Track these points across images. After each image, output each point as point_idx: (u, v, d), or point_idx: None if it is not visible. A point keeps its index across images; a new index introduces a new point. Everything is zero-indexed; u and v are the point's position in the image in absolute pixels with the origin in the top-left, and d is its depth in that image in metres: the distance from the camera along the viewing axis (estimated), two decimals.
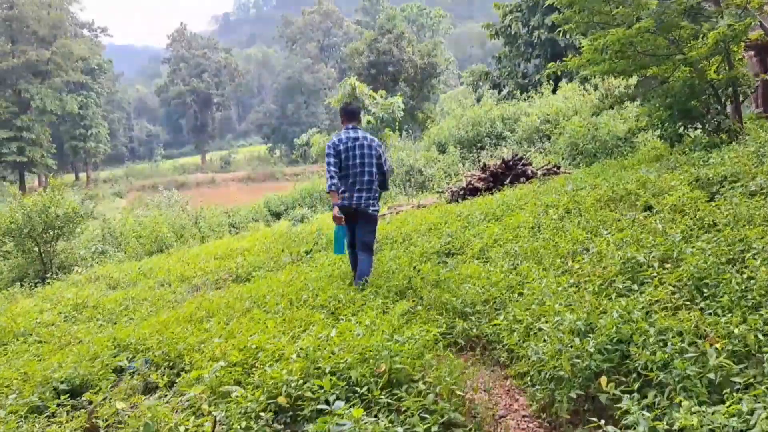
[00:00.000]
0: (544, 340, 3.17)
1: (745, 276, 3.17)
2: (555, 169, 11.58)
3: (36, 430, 3.36)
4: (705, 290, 3.28)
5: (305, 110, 79.20)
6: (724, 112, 8.40)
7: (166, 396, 3.50)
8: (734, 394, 2.35)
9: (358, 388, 2.89)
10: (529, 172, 11.16)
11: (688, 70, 8.65)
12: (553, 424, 2.96)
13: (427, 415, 2.65)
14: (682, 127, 8.69)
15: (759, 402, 2.21)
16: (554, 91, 25.68)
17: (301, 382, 2.91)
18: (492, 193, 10.54)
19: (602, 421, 2.41)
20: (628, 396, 2.50)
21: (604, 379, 2.69)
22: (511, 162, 11.43)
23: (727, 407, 2.21)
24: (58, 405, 3.64)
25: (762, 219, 4.06)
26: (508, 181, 11.05)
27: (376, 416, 2.70)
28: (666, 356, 2.62)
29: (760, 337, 2.63)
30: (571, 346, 2.93)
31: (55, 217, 11.18)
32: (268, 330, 3.86)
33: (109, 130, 75.34)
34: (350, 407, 2.63)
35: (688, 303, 3.21)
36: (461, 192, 11.29)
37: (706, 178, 5.59)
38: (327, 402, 2.72)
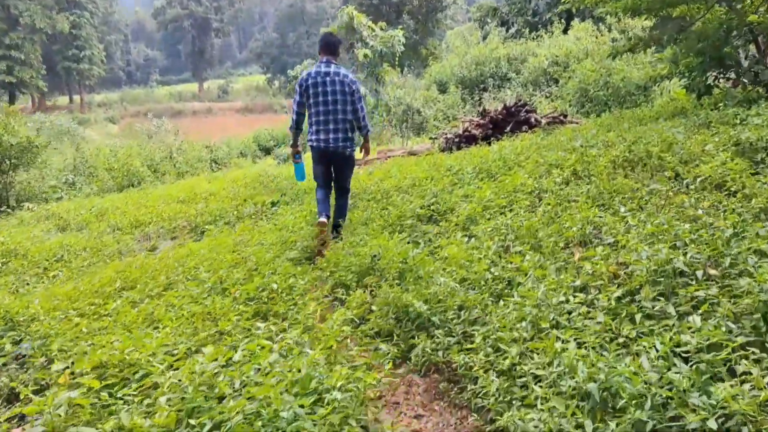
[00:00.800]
0: (536, 410, 2.17)
1: None
2: (561, 117, 10.44)
3: None
4: None
5: (306, 40, 76.40)
6: (764, 62, 7.22)
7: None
8: None
9: None
10: (533, 119, 10.03)
11: (724, 10, 7.44)
12: None
13: None
14: (714, 78, 7.54)
15: None
16: (565, 31, 24.01)
17: None
18: (490, 143, 9.46)
19: None
20: None
21: None
22: (513, 108, 10.27)
23: None
24: None
25: None
26: (508, 129, 9.94)
27: None
28: None
29: None
30: None
31: (9, 146, 10.13)
32: (165, 335, 2.91)
33: (105, 53, 72.91)
34: None
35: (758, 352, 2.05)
36: (456, 139, 10.19)
37: (748, 142, 4.53)
38: None
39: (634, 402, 1.86)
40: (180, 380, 2.25)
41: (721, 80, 7.79)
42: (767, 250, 2.64)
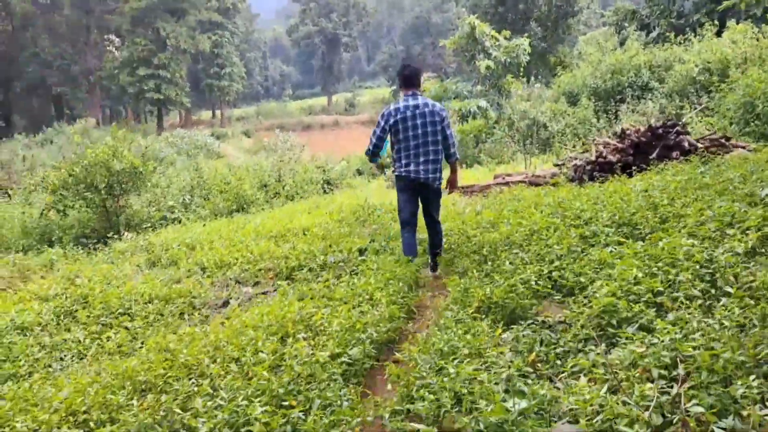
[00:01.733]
0: None
1: None
2: (723, 140, 8.52)
3: None
4: None
5: (431, 51, 75.91)
6: None
7: None
8: None
9: None
10: (686, 144, 8.23)
11: None
12: None
13: None
14: None
15: None
16: (719, 34, 21.03)
17: None
18: (631, 174, 7.84)
19: None
20: None
21: None
22: (660, 128, 8.52)
23: None
24: None
25: None
26: (654, 155, 8.24)
27: None
28: None
29: None
30: None
31: (116, 172, 10.13)
32: None
33: (245, 69, 77.42)
34: None
35: None
36: (588, 167, 8.64)
37: None
38: None
39: None
40: None
41: None
42: None
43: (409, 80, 5.52)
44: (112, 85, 58.31)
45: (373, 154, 5.46)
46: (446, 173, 5.75)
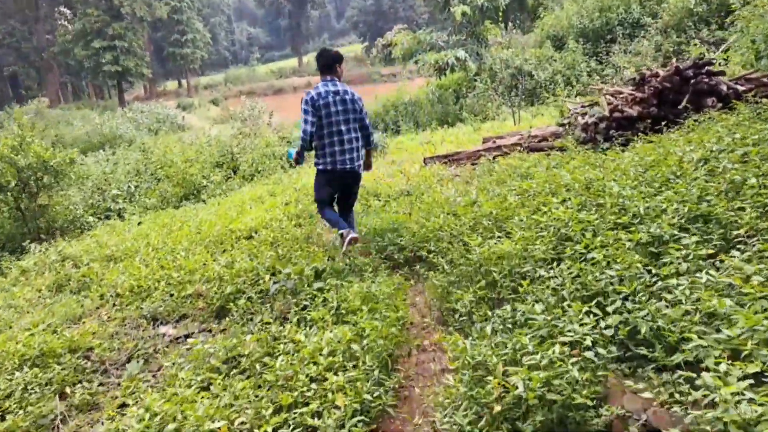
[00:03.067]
0: None
1: None
2: (766, 80, 6.85)
3: None
4: None
5: (402, 3, 72.85)
6: None
7: None
8: None
9: None
10: (723, 88, 6.55)
11: None
12: None
13: None
14: None
15: None
16: None
17: None
18: (660, 130, 6.19)
19: None
20: None
21: None
22: (689, 70, 6.80)
23: None
24: None
25: None
26: (683, 103, 6.58)
27: None
28: None
29: None
30: None
31: (22, 166, 8.24)
32: None
33: (210, 35, 73.91)
34: None
35: None
36: (603, 125, 6.94)
37: None
38: None
39: None
40: None
41: None
42: None
43: (329, 66, 5.25)
44: (68, 60, 54.88)
45: (310, 144, 5.05)
46: None
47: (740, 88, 6.56)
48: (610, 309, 2.59)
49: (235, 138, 14.23)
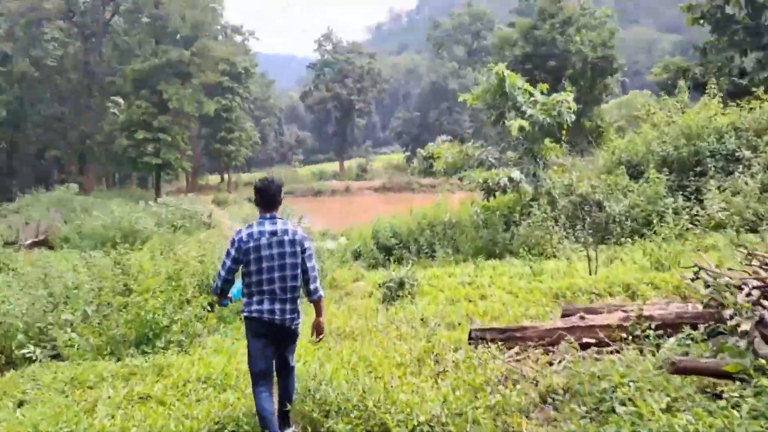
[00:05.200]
0: None
1: None
2: None
3: None
4: None
5: (448, 117, 72.66)
6: None
7: None
8: None
9: None
10: None
11: None
12: None
13: None
14: None
15: None
16: None
17: None
18: None
19: None
20: None
21: None
22: None
23: None
24: None
25: None
26: None
27: None
28: None
29: None
30: None
31: None
32: None
33: (259, 134, 74.97)
34: None
35: None
36: None
37: None
38: None
39: None
40: None
41: None
42: None
43: (269, 200, 4.63)
44: (109, 149, 55.05)
45: (223, 291, 4.58)
46: None
47: None
48: None
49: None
